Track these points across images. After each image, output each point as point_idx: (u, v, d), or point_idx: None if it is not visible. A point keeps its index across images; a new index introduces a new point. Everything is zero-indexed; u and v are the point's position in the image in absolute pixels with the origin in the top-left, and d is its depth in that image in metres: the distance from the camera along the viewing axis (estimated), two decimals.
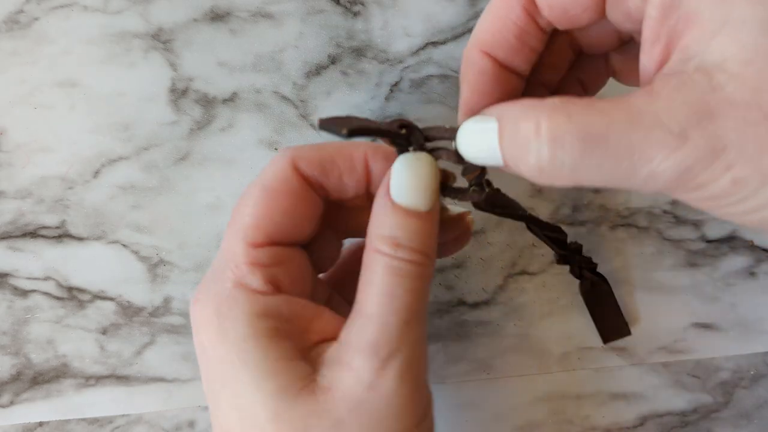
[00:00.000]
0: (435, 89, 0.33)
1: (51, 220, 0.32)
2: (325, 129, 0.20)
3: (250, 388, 0.20)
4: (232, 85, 0.32)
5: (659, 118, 0.17)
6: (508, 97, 0.22)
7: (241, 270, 0.22)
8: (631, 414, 0.32)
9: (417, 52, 0.33)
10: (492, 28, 0.21)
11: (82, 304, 0.31)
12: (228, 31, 0.32)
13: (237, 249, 0.22)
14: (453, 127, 0.21)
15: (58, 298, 0.31)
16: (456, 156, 0.21)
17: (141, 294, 0.31)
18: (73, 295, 0.31)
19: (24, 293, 0.31)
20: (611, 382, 0.32)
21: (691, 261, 0.33)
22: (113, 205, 0.32)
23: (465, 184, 0.23)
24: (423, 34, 0.33)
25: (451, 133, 0.21)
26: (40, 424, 0.31)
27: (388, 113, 0.33)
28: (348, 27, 0.33)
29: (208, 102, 0.32)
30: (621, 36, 0.23)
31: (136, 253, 0.32)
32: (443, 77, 0.33)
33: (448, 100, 0.33)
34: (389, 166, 0.22)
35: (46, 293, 0.31)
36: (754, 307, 0.33)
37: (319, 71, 0.32)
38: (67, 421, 0.31)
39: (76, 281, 0.31)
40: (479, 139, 0.19)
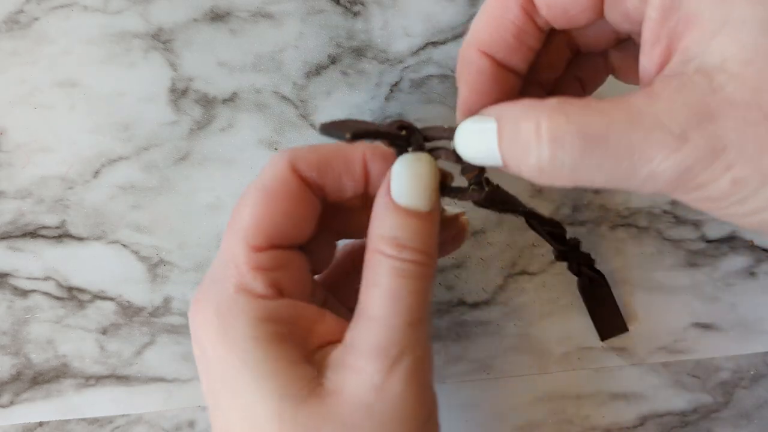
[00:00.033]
0: (435, 89, 0.33)
1: (51, 220, 0.32)
2: (327, 133, 0.20)
3: (251, 389, 0.20)
4: (232, 85, 0.32)
5: (659, 118, 0.17)
6: (506, 97, 0.22)
7: (242, 274, 0.21)
8: (631, 414, 0.32)
9: (417, 52, 0.33)
10: (490, 27, 0.21)
11: (82, 304, 0.31)
12: (228, 31, 0.32)
13: (238, 252, 0.22)
14: (451, 127, 0.21)
15: (58, 298, 0.31)
16: (455, 156, 0.21)
17: (141, 294, 0.31)
18: (73, 295, 0.31)
19: (24, 293, 0.31)
20: (611, 382, 0.32)
21: (691, 261, 0.33)
22: (113, 205, 0.32)
23: (464, 182, 0.23)
24: (423, 34, 0.33)
25: (449, 133, 0.21)
26: (40, 424, 0.31)
27: (388, 113, 0.33)
28: (348, 27, 0.33)
29: (208, 102, 0.32)
30: (619, 35, 0.23)
31: (136, 253, 0.32)
32: (443, 77, 0.33)
33: (448, 100, 0.33)
34: (388, 167, 0.22)
35: (46, 293, 0.31)
36: (754, 307, 0.33)
37: (319, 71, 0.32)
38: (67, 421, 0.31)
39: (76, 281, 0.31)
40: (477, 140, 0.19)
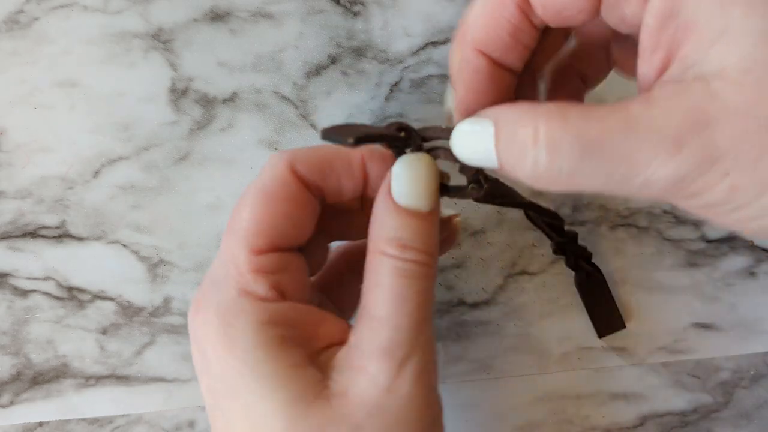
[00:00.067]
0: (435, 89, 0.33)
1: (51, 220, 0.32)
2: (328, 139, 0.20)
3: (263, 399, 0.20)
4: (232, 85, 0.32)
5: (656, 125, 0.17)
6: (502, 95, 0.22)
7: (244, 277, 0.21)
8: (631, 414, 0.32)
9: (417, 52, 0.33)
10: (486, 26, 0.21)
11: (82, 304, 0.31)
12: (228, 31, 0.32)
13: (239, 255, 0.21)
14: (449, 127, 0.21)
15: (58, 298, 0.31)
16: (453, 155, 0.21)
17: (141, 294, 0.31)
18: (73, 295, 0.31)
19: (24, 293, 0.31)
20: (611, 382, 0.32)
21: (691, 261, 0.33)
22: (113, 205, 0.32)
23: (462, 180, 0.23)
24: (423, 34, 0.33)
25: (447, 133, 0.21)
26: (40, 424, 0.31)
27: (388, 113, 0.33)
28: (348, 27, 0.33)
29: (208, 102, 0.32)
30: (617, 33, 0.23)
31: (136, 253, 0.32)
32: (443, 77, 0.33)
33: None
34: (386, 168, 0.22)
35: (46, 293, 0.31)
36: (754, 307, 0.33)
37: (319, 71, 0.32)
38: (67, 421, 0.31)
39: (76, 281, 0.31)
40: (474, 141, 0.19)
